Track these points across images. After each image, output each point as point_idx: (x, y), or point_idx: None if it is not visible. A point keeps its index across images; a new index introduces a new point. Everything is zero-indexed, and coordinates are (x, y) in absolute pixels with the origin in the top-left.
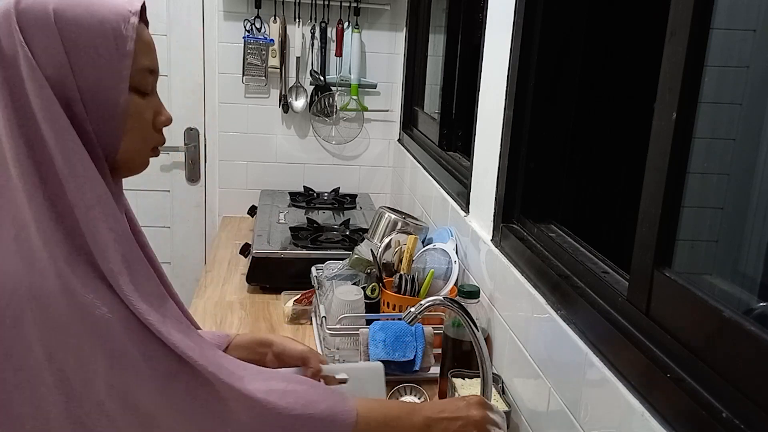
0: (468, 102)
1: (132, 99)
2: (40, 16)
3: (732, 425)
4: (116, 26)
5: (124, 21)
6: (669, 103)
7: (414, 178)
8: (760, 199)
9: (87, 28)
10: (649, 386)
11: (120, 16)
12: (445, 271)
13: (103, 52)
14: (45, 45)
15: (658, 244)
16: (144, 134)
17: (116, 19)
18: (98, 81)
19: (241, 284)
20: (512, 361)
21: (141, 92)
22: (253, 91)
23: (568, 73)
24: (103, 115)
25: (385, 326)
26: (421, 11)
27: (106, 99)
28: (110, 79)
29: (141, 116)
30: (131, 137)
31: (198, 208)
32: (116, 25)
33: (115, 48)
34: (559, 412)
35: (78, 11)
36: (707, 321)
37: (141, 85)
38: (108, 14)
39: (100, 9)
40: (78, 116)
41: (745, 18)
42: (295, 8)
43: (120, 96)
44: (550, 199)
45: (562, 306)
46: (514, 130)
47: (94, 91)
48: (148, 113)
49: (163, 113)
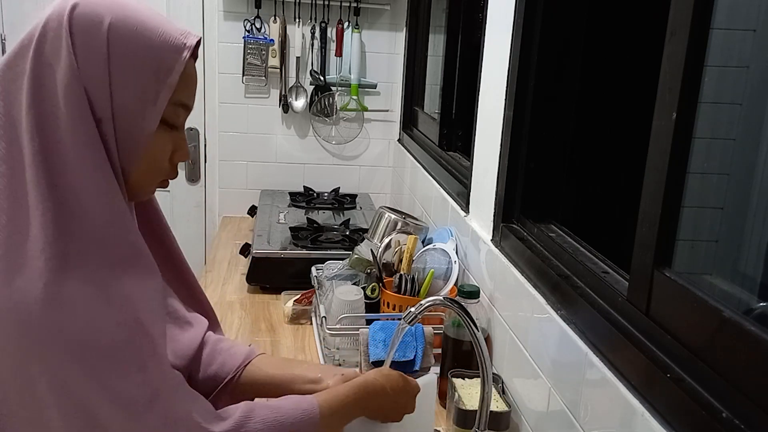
0: (468, 102)
1: (158, 131)
2: (93, 25)
3: (732, 425)
4: (165, 56)
5: (175, 53)
6: (669, 103)
7: (414, 178)
8: (760, 199)
9: (136, 51)
10: (649, 386)
11: (172, 48)
12: (445, 271)
13: (146, 79)
14: (91, 56)
15: (658, 244)
16: (158, 166)
17: (168, 48)
18: (133, 105)
19: (241, 284)
20: (512, 361)
21: (170, 125)
22: (253, 91)
23: (568, 73)
24: (127, 139)
25: (385, 326)
26: (421, 11)
27: (135, 125)
28: (145, 107)
29: (161, 149)
30: (145, 166)
31: (198, 208)
32: (166, 55)
33: (157, 78)
34: (559, 412)
35: (133, 31)
36: (707, 321)
37: (171, 119)
38: (161, 42)
39: (155, 34)
40: (105, 134)
41: (745, 18)
42: (295, 8)
43: (150, 125)
44: (550, 199)
45: (562, 306)
46: (514, 130)
47: (127, 114)
48: (168, 147)
49: (183, 149)
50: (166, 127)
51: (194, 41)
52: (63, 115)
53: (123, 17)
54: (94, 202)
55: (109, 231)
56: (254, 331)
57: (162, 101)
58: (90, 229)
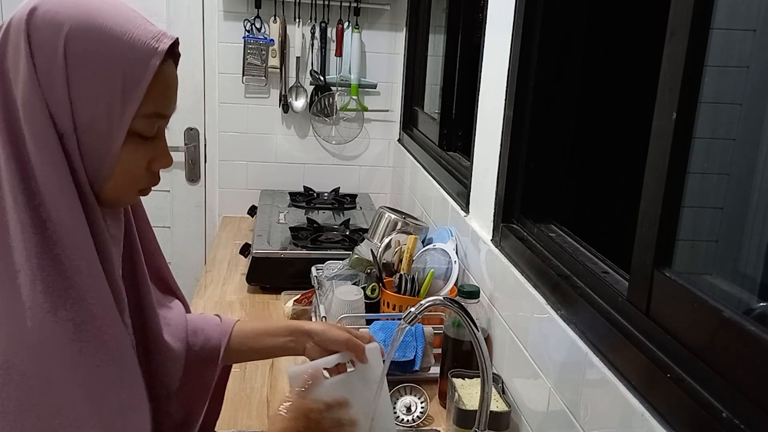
0: (468, 102)
1: (129, 144)
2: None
3: (732, 425)
4: (129, 67)
5: (142, 63)
6: (669, 103)
7: (414, 178)
8: (760, 199)
9: (97, 64)
10: (649, 386)
11: (138, 56)
12: (445, 271)
13: (109, 92)
14: (49, 67)
15: (658, 244)
16: (133, 177)
17: (134, 59)
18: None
19: (241, 284)
20: (512, 361)
21: (142, 137)
22: (253, 91)
23: (568, 73)
24: (93, 155)
25: (385, 326)
26: (421, 11)
27: (99, 142)
28: (108, 122)
29: (134, 163)
30: (119, 179)
31: (198, 208)
32: (132, 64)
33: (123, 90)
34: (559, 412)
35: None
36: (707, 321)
37: (144, 130)
38: (127, 49)
39: (121, 41)
40: (69, 151)
41: (745, 18)
42: (295, 8)
43: (115, 141)
44: (550, 199)
45: (562, 306)
46: (514, 130)
47: (90, 130)
48: (141, 160)
49: (163, 158)
50: (140, 139)
51: (167, 44)
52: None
53: (84, 23)
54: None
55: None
56: None
57: (128, 115)
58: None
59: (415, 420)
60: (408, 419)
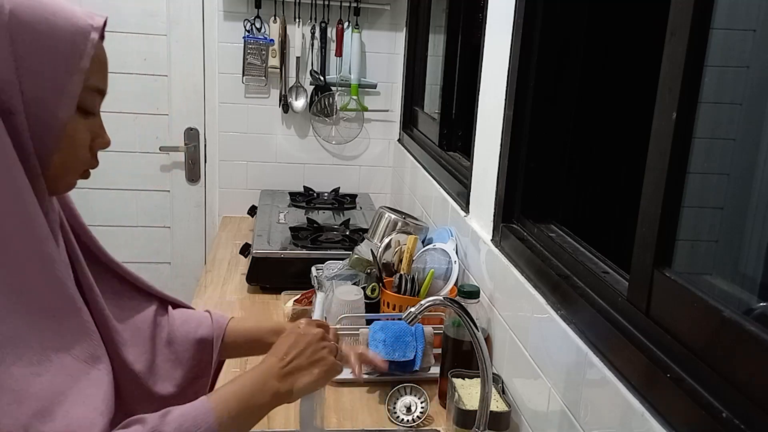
0: (468, 102)
1: (73, 120)
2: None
3: (732, 425)
4: (73, 41)
5: (83, 36)
6: (669, 103)
7: (414, 178)
8: (760, 199)
9: (42, 38)
10: (649, 386)
11: (79, 31)
12: (445, 271)
13: (55, 66)
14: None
15: (658, 244)
16: (77, 155)
17: (75, 32)
18: (45, 95)
19: (241, 284)
20: (512, 361)
21: (85, 112)
22: (253, 91)
23: (568, 73)
24: (42, 131)
25: (385, 326)
26: (421, 11)
27: (48, 114)
28: (58, 94)
29: (79, 137)
30: (64, 156)
31: (198, 208)
32: (73, 39)
33: (68, 63)
34: (559, 412)
35: (36, 18)
36: (707, 321)
37: (87, 105)
38: (67, 26)
39: (60, 19)
40: (17, 128)
41: (745, 18)
42: (295, 8)
43: (65, 114)
44: (550, 199)
45: (562, 306)
46: (514, 130)
47: (39, 104)
48: (86, 135)
49: (103, 136)
50: (82, 114)
51: (101, 22)
52: None
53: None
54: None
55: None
56: None
57: (75, 88)
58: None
59: (415, 420)
60: (408, 419)
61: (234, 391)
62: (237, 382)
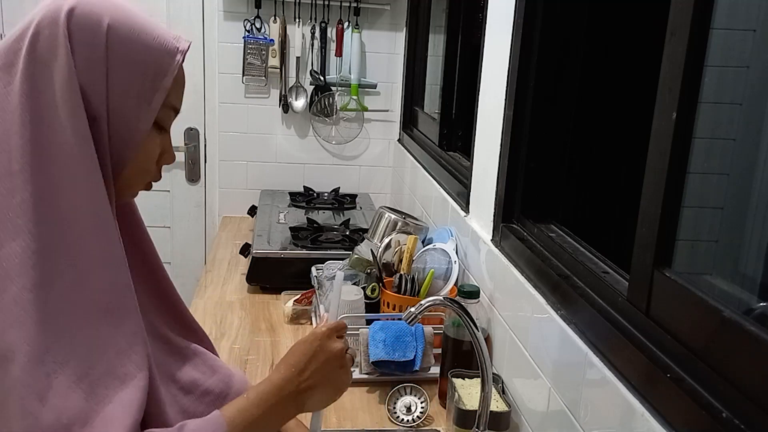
0: (468, 102)
1: (149, 133)
2: (92, 26)
3: (732, 425)
4: (161, 59)
5: (170, 57)
6: (669, 103)
7: (414, 178)
8: (760, 199)
9: (134, 52)
10: (649, 386)
11: (167, 51)
12: (445, 271)
13: (142, 81)
14: (89, 55)
15: (658, 244)
16: (147, 167)
17: (163, 52)
18: (128, 106)
19: (241, 284)
20: (512, 361)
21: (160, 127)
22: (253, 91)
23: (568, 73)
24: (120, 140)
25: (385, 326)
26: (421, 11)
27: (129, 125)
28: (140, 108)
29: (151, 150)
30: (136, 167)
31: (198, 208)
32: (161, 58)
33: (154, 80)
34: (559, 412)
35: (130, 34)
36: (707, 321)
37: (163, 121)
38: (156, 45)
39: (152, 37)
40: (99, 134)
41: (745, 18)
42: (295, 8)
43: (144, 127)
44: (550, 199)
45: (562, 306)
46: (514, 130)
47: (122, 114)
48: (157, 149)
49: (170, 152)
50: (157, 129)
51: (186, 46)
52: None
53: (122, 19)
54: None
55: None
56: (254, 331)
57: (156, 103)
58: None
59: (415, 420)
60: (408, 419)
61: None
62: (252, 395)
